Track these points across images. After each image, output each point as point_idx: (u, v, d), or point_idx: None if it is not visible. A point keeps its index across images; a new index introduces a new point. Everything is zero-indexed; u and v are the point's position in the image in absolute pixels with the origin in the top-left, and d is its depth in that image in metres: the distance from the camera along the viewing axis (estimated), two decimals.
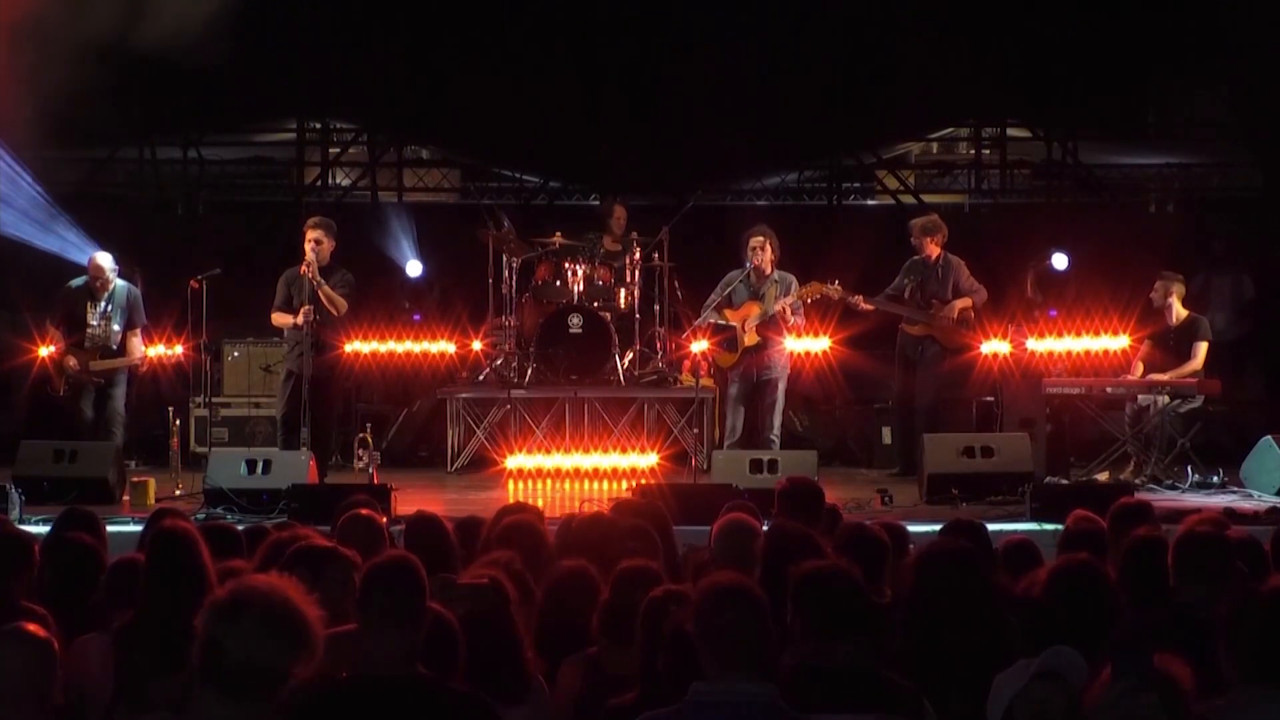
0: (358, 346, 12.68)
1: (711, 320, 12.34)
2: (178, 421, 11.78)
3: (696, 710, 3.96)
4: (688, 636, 4.09)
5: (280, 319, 11.92)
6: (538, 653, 5.06)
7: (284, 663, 3.37)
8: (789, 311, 12.12)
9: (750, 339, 12.17)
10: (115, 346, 12.00)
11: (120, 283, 12.11)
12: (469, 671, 4.39)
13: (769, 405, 12.25)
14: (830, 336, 12.68)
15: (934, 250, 12.40)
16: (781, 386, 12.31)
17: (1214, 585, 5.15)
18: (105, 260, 12.07)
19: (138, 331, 12.08)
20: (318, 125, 17.33)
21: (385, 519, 6.37)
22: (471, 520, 6.86)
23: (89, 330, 11.99)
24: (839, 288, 12.16)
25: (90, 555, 5.92)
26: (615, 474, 12.45)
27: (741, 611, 4.00)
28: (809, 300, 12.18)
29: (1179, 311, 12.16)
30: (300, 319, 11.64)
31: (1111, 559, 5.80)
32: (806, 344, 12.61)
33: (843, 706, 4.28)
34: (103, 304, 12.01)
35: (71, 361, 11.88)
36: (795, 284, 12.20)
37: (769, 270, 12.24)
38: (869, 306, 12.34)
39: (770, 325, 12.15)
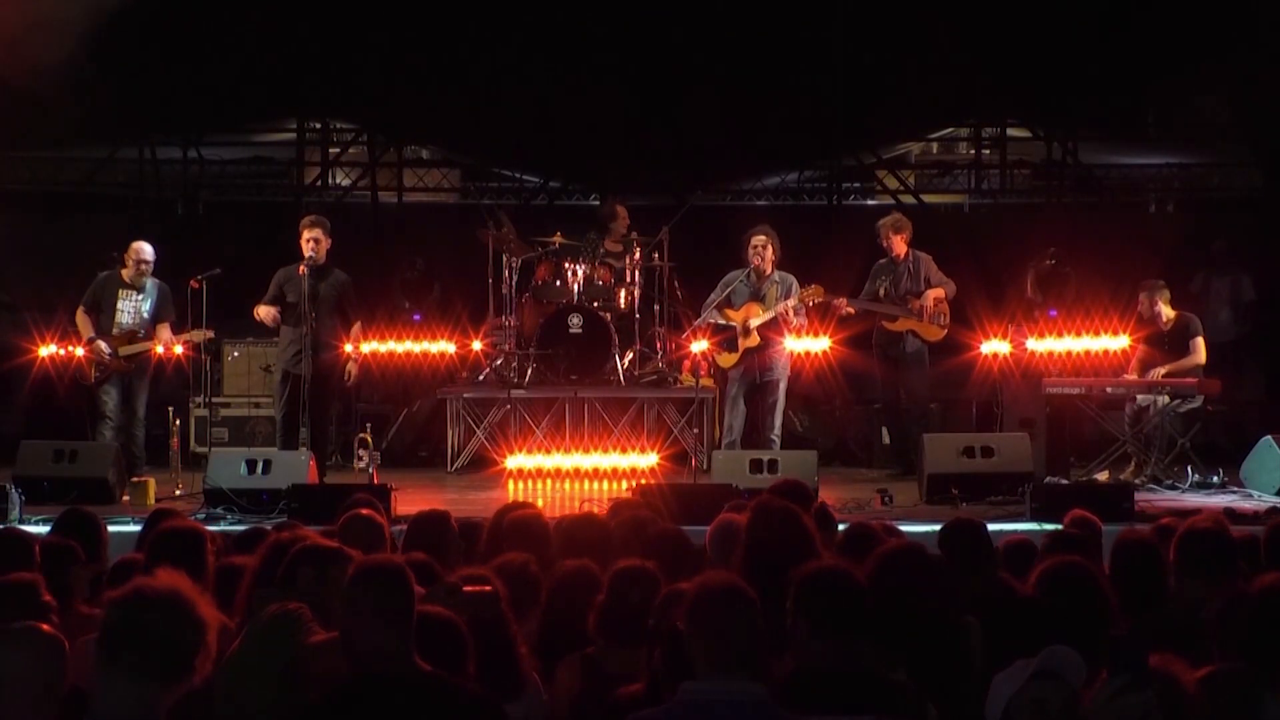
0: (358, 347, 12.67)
1: (712, 320, 12.34)
2: (178, 421, 11.77)
3: (687, 710, 4.00)
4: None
5: (263, 312, 11.85)
6: (542, 652, 5.08)
7: (189, 648, 3.45)
8: (791, 313, 12.12)
9: (751, 339, 12.16)
10: (143, 334, 12.00)
11: (154, 278, 12.12)
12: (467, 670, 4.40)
13: (770, 405, 12.25)
14: (830, 337, 12.68)
15: (902, 248, 12.41)
16: (782, 387, 12.31)
17: (1216, 584, 5.15)
18: (146, 250, 12.05)
19: (168, 325, 12.06)
20: (318, 125, 17.34)
21: (385, 519, 6.35)
22: (470, 523, 6.86)
23: (119, 317, 11.98)
24: (819, 288, 12.15)
25: (70, 557, 5.89)
26: (615, 474, 12.45)
27: (733, 612, 4.04)
28: (811, 303, 12.19)
29: (1168, 314, 12.14)
30: (270, 322, 11.69)
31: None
32: (806, 344, 12.61)
33: (845, 708, 4.28)
34: (138, 293, 12.01)
35: (101, 346, 11.86)
36: (796, 285, 12.20)
37: (770, 270, 12.23)
38: (850, 309, 12.33)
39: (771, 326, 12.14)
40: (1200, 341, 12.05)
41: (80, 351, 11.95)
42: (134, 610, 3.45)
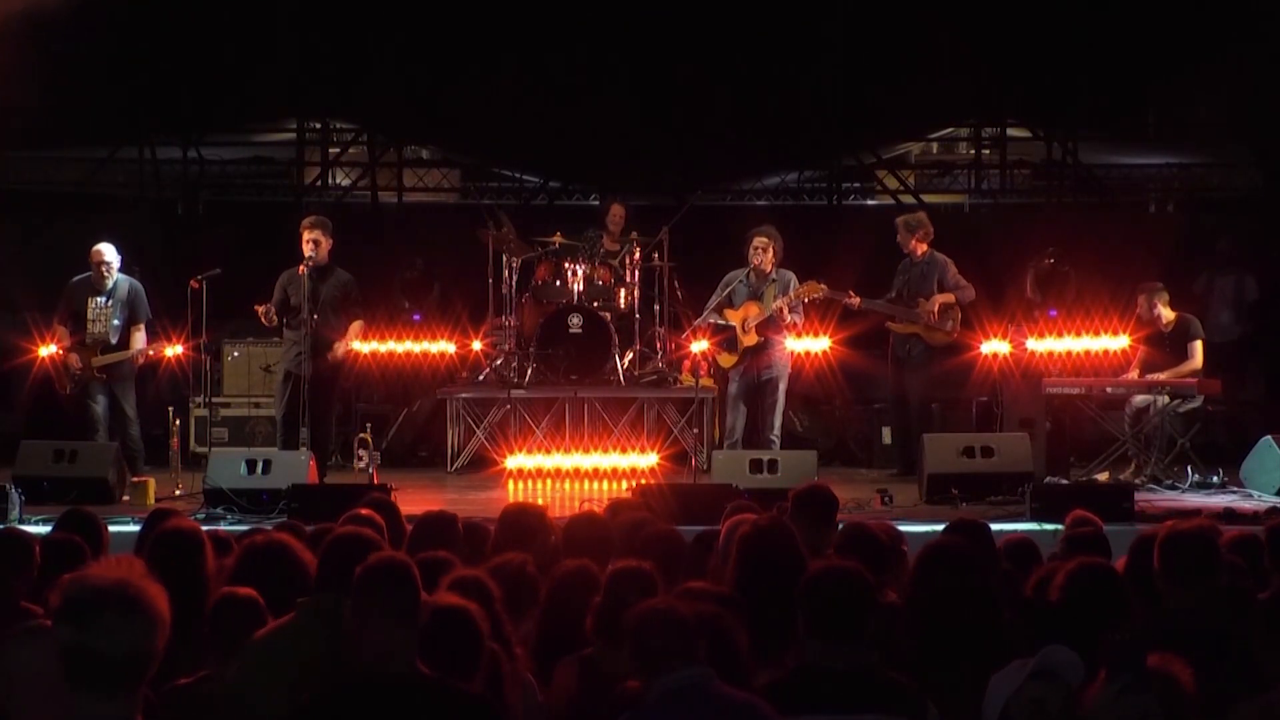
0: (358, 346, 12.66)
1: (712, 320, 12.33)
2: (178, 421, 11.76)
3: (656, 703, 4.18)
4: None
5: (260, 309, 11.84)
6: (540, 653, 5.08)
7: (151, 645, 3.38)
8: (786, 310, 12.10)
9: (750, 339, 12.15)
10: (115, 341, 11.94)
11: (122, 277, 12.07)
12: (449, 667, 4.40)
13: (770, 405, 12.23)
14: (830, 336, 12.68)
15: (919, 248, 12.39)
16: (783, 386, 12.29)
17: (1201, 588, 5.12)
18: (107, 251, 11.97)
19: (141, 326, 12.01)
20: (318, 125, 17.33)
21: (385, 519, 6.33)
22: (473, 525, 6.85)
23: (89, 325, 11.95)
24: (823, 286, 12.14)
25: (78, 556, 5.88)
26: (615, 474, 12.45)
27: (665, 629, 4.25)
28: (806, 299, 12.18)
29: (1167, 316, 12.14)
30: (265, 320, 11.70)
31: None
32: (806, 344, 12.61)
33: (847, 707, 4.30)
34: (103, 298, 11.96)
35: (74, 359, 11.85)
36: (794, 282, 12.18)
37: (769, 270, 12.22)
38: (855, 300, 12.28)
39: (771, 325, 12.13)
40: (1199, 345, 12.06)
41: (44, 352, 11.92)
42: (84, 631, 3.38)
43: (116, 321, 11.94)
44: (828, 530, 6.35)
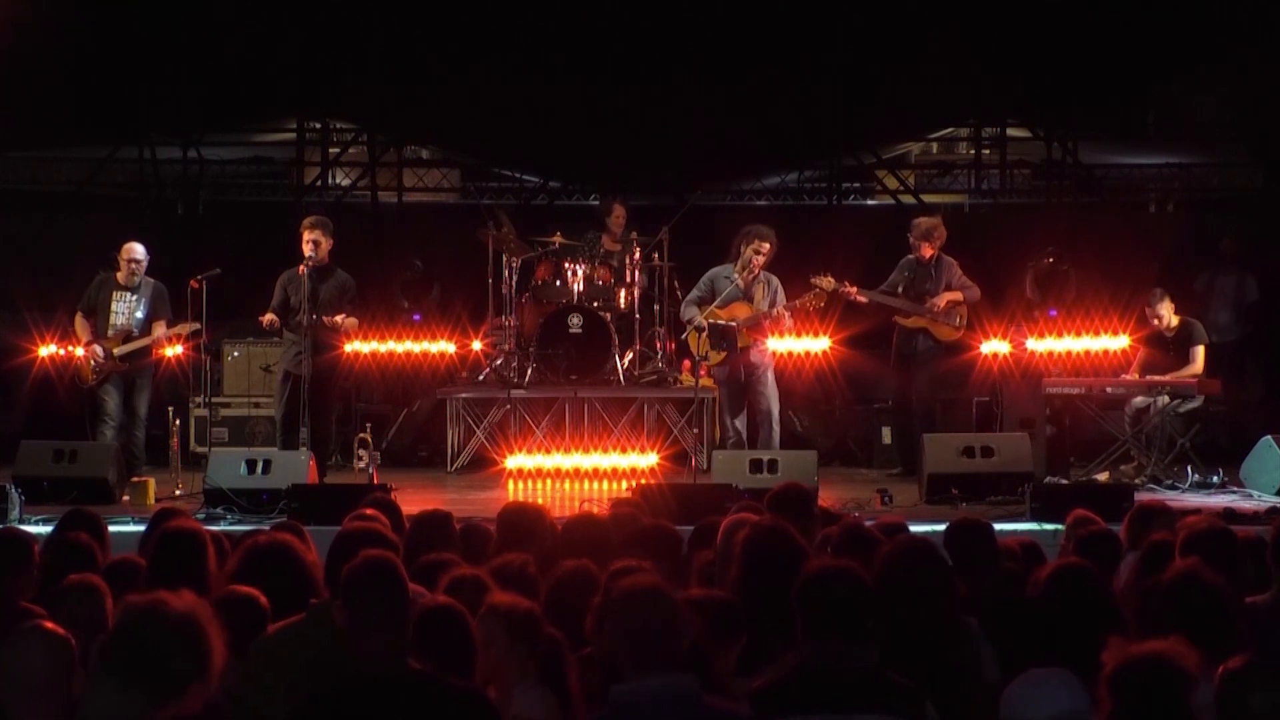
0: (358, 346, 12.67)
1: (709, 321, 12.27)
2: (178, 421, 11.78)
3: (619, 712, 4.02)
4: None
5: (265, 319, 11.86)
6: None
7: (189, 675, 3.41)
8: (788, 314, 12.09)
9: (741, 339, 12.14)
10: (137, 333, 12.00)
11: (147, 278, 12.13)
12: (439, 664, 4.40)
13: (760, 403, 12.20)
14: (830, 336, 12.67)
15: (929, 251, 12.38)
16: (770, 378, 12.21)
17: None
18: (138, 249, 12.08)
19: (163, 323, 12.07)
20: (318, 125, 17.32)
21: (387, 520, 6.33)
22: (475, 526, 6.85)
23: (113, 319, 11.99)
24: (830, 279, 12.14)
25: (86, 556, 5.89)
26: (615, 474, 12.45)
27: (651, 613, 4.06)
28: (811, 308, 12.18)
29: (1171, 320, 12.15)
30: (265, 323, 11.72)
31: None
32: (806, 344, 12.60)
33: (847, 707, 4.29)
34: (131, 294, 12.03)
35: (96, 350, 11.87)
36: (780, 288, 12.16)
37: (757, 272, 12.17)
38: (861, 297, 12.25)
39: (755, 326, 12.12)
40: (1201, 351, 12.07)
41: (80, 352, 11.96)
42: (147, 624, 3.41)
43: (140, 315, 12.01)
44: (810, 527, 6.36)
